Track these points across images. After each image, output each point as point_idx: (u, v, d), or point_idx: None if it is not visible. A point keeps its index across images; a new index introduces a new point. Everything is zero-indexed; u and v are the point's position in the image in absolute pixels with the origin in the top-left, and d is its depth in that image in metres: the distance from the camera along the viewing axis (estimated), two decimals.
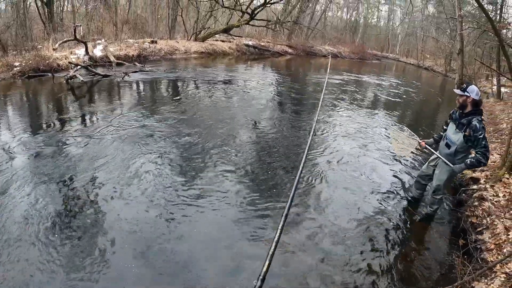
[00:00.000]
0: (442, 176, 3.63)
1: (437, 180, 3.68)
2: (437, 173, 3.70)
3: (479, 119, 3.27)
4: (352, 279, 2.91)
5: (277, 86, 11.13)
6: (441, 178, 3.64)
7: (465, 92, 3.32)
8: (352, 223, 3.69)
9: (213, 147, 5.23)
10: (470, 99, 3.30)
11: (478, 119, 3.27)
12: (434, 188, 3.71)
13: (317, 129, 6.57)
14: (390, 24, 38.44)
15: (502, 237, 3.26)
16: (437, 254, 3.39)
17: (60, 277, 2.63)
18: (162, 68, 12.11)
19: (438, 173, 3.69)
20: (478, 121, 3.25)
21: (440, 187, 3.67)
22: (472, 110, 3.33)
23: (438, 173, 3.69)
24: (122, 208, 3.54)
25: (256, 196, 4.01)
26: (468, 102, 3.33)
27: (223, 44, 18.99)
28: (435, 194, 3.72)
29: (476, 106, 3.33)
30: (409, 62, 29.72)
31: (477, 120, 3.26)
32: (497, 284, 2.64)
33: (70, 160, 4.50)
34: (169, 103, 7.71)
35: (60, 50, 10.90)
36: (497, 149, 5.68)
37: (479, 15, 13.93)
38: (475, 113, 3.31)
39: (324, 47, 26.24)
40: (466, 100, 3.33)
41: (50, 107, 7.07)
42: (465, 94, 3.31)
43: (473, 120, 3.27)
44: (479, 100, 3.33)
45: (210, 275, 2.78)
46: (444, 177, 3.62)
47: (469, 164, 3.33)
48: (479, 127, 3.22)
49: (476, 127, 3.22)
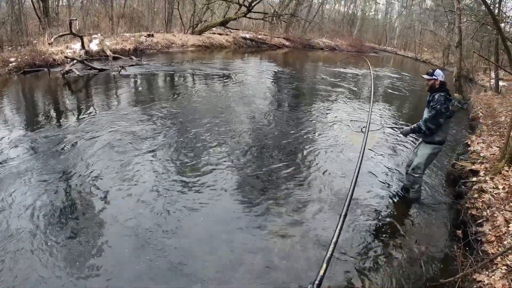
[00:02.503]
0: (422, 154, 3.88)
1: (417, 158, 3.94)
2: (418, 152, 3.98)
3: (441, 93, 3.65)
4: (349, 271, 2.90)
5: (274, 79, 11.08)
6: (421, 156, 3.89)
7: (432, 76, 3.74)
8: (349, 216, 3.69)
9: (211, 139, 5.21)
10: (438, 81, 3.73)
11: (440, 93, 3.66)
12: (413, 166, 3.95)
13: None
14: (388, 17, 38.31)
15: (502, 229, 3.27)
16: (438, 246, 3.40)
17: (57, 272, 2.61)
18: (159, 61, 12.03)
19: (418, 153, 3.96)
20: (438, 95, 3.65)
21: (420, 165, 3.90)
22: (437, 88, 3.73)
23: (418, 153, 3.96)
24: (120, 203, 3.51)
25: (254, 188, 3.99)
26: (436, 84, 3.75)
27: (220, 37, 18.88)
28: (413, 171, 3.95)
29: (442, 85, 3.74)
30: (407, 55, 29.69)
31: (438, 94, 3.66)
32: (498, 276, 2.65)
33: (66, 155, 4.46)
34: (166, 97, 7.66)
35: (56, 45, 10.77)
36: (496, 142, 5.69)
37: (477, 8, 13.92)
38: (439, 90, 3.71)
39: (321, 40, 26.15)
40: (435, 83, 3.75)
41: (46, 102, 7.00)
42: (433, 77, 3.74)
43: (435, 94, 3.68)
44: (445, 81, 3.77)
45: (210, 269, 2.77)
46: (423, 155, 3.87)
47: (412, 129, 3.86)
48: (437, 98, 3.62)
49: (434, 98, 3.65)
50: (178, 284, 2.61)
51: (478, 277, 2.68)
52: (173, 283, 2.61)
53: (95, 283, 2.55)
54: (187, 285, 2.61)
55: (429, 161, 3.97)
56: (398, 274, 2.94)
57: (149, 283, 2.59)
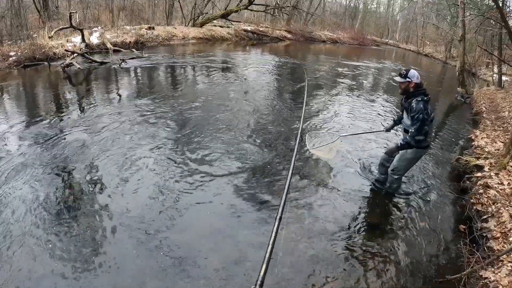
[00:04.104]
0: (405, 158, 3.68)
1: (397, 161, 3.76)
2: (398, 154, 3.77)
3: (419, 99, 3.38)
4: (356, 268, 2.90)
5: (276, 72, 11.00)
6: (403, 159, 3.69)
7: (406, 78, 3.43)
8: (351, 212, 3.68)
9: (214, 133, 5.18)
10: (413, 83, 3.43)
11: (417, 99, 3.38)
12: (394, 167, 3.78)
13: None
14: (390, 10, 37.99)
15: (508, 226, 3.26)
16: (443, 242, 3.39)
17: (59, 267, 2.60)
18: (159, 54, 11.93)
19: (398, 155, 3.76)
20: (416, 101, 3.37)
21: (401, 167, 3.75)
22: (413, 92, 3.45)
23: (398, 155, 3.76)
24: (122, 197, 3.49)
25: (259, 182, 3.97)
26: (410, 87, 3.45)
27: (222, 30, 18.70)
28: (393, 172, 3.81)
29: (418, 87, 3.45)
30: (409, 48, 29.49)
31: (415, 101, 3.38)
32: (504, 273, 2.64)
33: (67, 148, 4.43)
34: (167, 90, 7.61)
35: (56, 38, 10.67)
36: (500, 137, 5.67)
37: (481, 2, 13.77)
38: (417, 94, 3.43)
39: (323, 33, 25.95)
40: (409, 85, 3.45)
41: (46, 95, 6.94)
42: (407, 80, 3.43)
43: (412, 101, 3.40)
44: (420, 83, 3.47)
45: (214, 265, 2.75)
46: (406, 159, 3.67)
47: (399, 146, 3.60)
48: (415, 107, 3.34)
49: (412, 108, 3.36)
50: (182, 279, 2.60)
51: (484, 274, 2.68)
52: (177, 279, 2.60)
53: (97, 278, 2.54)
54: (191, 281, 2.60)
55: (411, 164, 3.82)
56: (404, 271, 2.94)
57: (152, 278, 2.58)
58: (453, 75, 12.54)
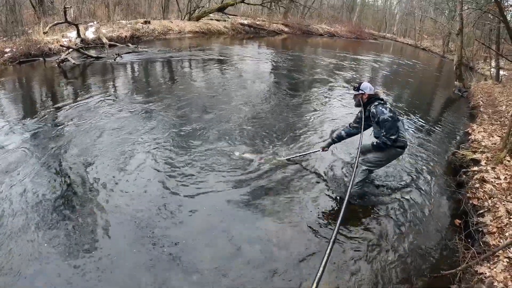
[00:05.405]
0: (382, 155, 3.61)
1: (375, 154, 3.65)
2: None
3: (376, 104, 3.54)
4: (350, 264, 2.90)
5: (272, 65, 10.95)
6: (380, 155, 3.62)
7: (359, 90, 3.63)
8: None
9: (210, 127, 5.16)
10: (366, 95, 3.62)
11: (374, 104, 3.54)
12: (366, 158, 3.70)
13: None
14: (387, 3, 37.80)
15: (504, 220, 3.27)
16: (438, 236, 3.40)
17: (54, 262, 2.60)
18: (155, 48, 11.85)
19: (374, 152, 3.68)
20: (374, 106, 3.53)
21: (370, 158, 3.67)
22: (366, 101, 3.63)
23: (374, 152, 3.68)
24: (118, 193, 3.48)
25: (253, 177, 3.95)
26: (364, 98, 3.64)
27: (218, 23, 18.57)
28: (363, 160, 3.69)
29: (370, 97, 3.62)
30: (407, 42, 29.43)
31: (373, 106, 3.54)
32: (500, 268, 2.66)
33: (62, 143, 4.40)
34: (163, 84, 7.57)
35: (51, 34, 10.56)
36: (497, 131, 5.68)
37: None
38: (371, 101, 3.59)
39: (320, 26, 25.81)
40: (362, 96, 3.64)
41: (42, 91, 6.89)
42: (360, 92, 3.63)
43: (371, 108, 3.55)
44: (374, 93, 3.63)
45: (208, 260, 2.76)
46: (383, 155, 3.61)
47: (376, 146, 3.58)
48: (376, 111, 3.48)
49: (374, 113, 3.50)
50: (176, 274, 2.61)
51: (479, 269, 2.69)
52: (171, 273, 2.61)
53: (92, 273, 2.54)
54: (185, 275, 2.60)
55: (385, 163, 3.76)
56: (399, 266, 2.94)
57: (147, 273, 2.58)
58: (451, 69, 12.53)
